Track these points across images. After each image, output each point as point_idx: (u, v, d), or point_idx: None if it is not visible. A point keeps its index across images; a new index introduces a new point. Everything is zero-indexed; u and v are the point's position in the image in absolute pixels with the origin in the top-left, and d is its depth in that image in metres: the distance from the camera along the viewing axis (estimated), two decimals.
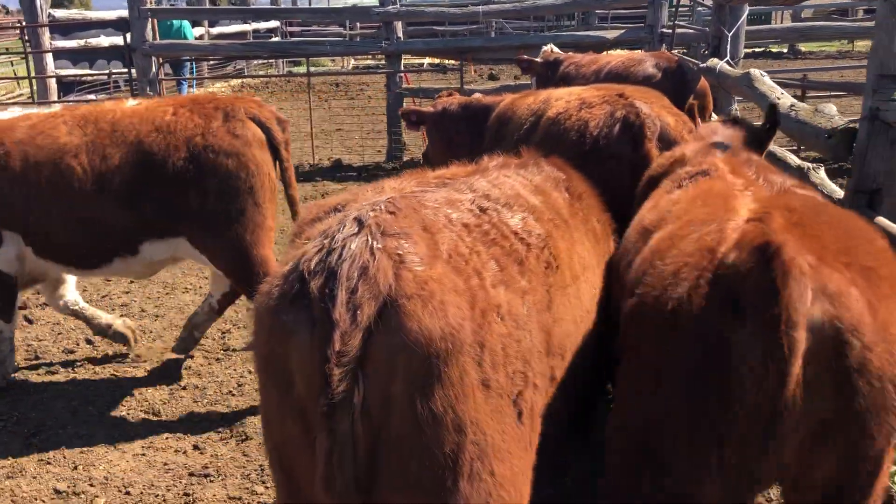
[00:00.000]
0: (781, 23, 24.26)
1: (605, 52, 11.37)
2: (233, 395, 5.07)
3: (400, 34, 11.87)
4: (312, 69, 21.11)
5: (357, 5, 13.71)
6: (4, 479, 4.18)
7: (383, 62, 13.20)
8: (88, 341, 5.86)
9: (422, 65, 20.06)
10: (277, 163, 5.00)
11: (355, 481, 2.01)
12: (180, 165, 4.68)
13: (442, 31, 23.98)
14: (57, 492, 4.08)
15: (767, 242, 2.20)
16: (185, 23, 16.34)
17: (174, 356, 5.53)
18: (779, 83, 10.55)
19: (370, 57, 19.97)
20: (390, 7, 11.45)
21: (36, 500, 4.02)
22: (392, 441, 2.03)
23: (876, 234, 2.57)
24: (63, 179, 4.65)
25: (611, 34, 11.43)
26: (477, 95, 6.20)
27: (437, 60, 19.54)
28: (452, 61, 15.37)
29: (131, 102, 5.01)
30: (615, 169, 4.03)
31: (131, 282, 7.08)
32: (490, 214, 2.48)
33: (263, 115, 4.96)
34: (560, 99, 4.51)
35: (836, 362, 2.16)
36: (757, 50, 23.38)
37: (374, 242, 2.05)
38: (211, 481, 4.19)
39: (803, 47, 23.54)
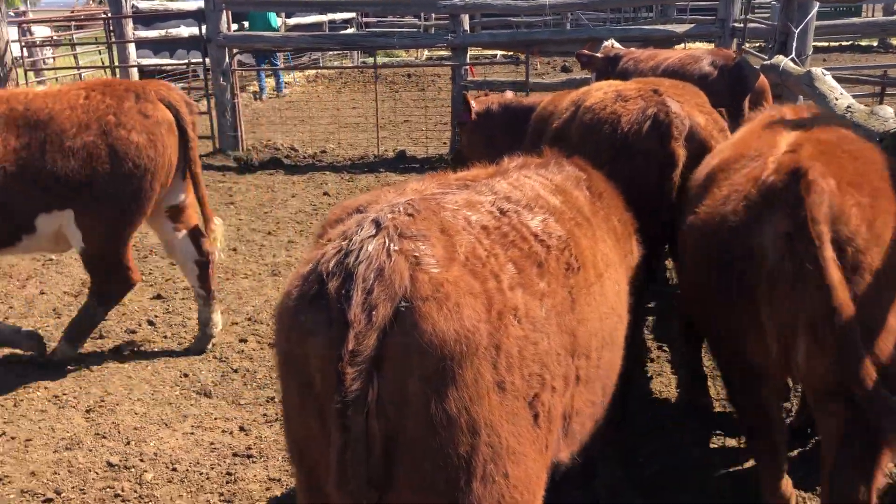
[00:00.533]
0: (873, 15, 23.23)
1: (680, 47, 11.15)
2: None
3: (466, 27, 11.88)
4: (388, 60, 21.35)
5: None
6: (63, 451, 4.44)
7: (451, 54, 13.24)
8: (150, 322, 6.13)
9: (495, 56, 20.00)
10: (184, 143, 5.31)
11: (368, 480, 2.04)
12: (90, 141, 4.96)
13: (516, 23, 23.83)
14: (110, 465, 4.30)
15: (798, 167, 2.94)
16: (272, 13, 16.81)
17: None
18: (857, 80, 10.16)
19: (445, 48, 20.13)
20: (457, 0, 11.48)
21: (90, 471, 4.26)
22: (407, 441, 2.05)
23: (885, 164, 3.22)
24: None
25: (680, 28, 11.16)
26: (509, 94, 6.26)
27: (510, 52, 19.42)
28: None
29: (41, 87, 5.32)
30: (642, 165, 4.14)
31: None
32: (510, 216, 2.47)
33: (172, 98, 5.27)
34: (599, 89, 4.61)
35: (839, 260, 2.84)
36: (844, 44, 22.46)
37: (391, 244, 2.08)
38: (253, 462, 4.35)
39: (895, 41, 22.49)
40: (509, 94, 6.43)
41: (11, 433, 4.60)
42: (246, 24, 17.55)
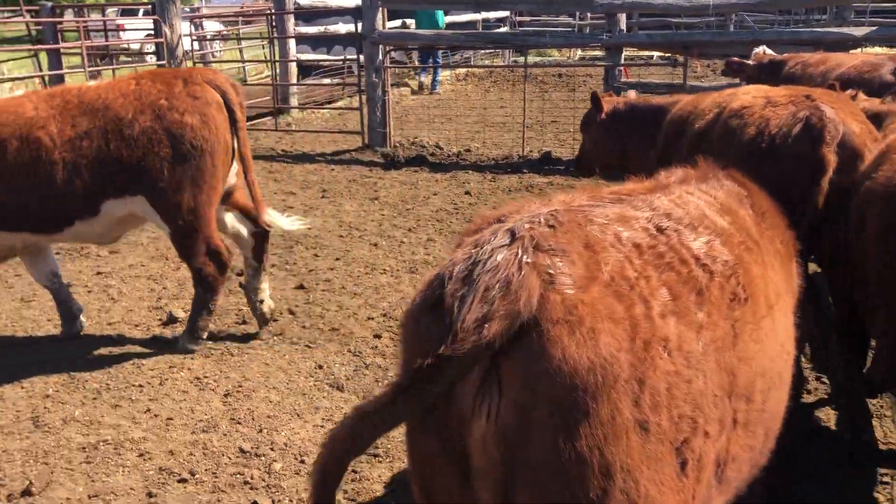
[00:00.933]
0: None
1: (857, 51, 10.26)
2: None
3: (623, 26, 11.48)
4: (539, 59, 21.16)
5: None
6: (200, 432, 4.57)
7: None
8: (291, 312, 6.26)
9: (651, 57, 19.36)
10: (232, 124, 5.39)
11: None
12: (146, 126, 5.12)
13: (675, 24, 22.97)
14: (242, 451, 4.38)
15: None
16: (440, 11, 17.08)
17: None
18: None
19: (599, 47, 19.70)
20: None
21: (223, 455, 4.35)
22: (531, 464, 1.89)
23: None
24: (30, 151, 5.06)
25: (858, 31, 10.25)
26: (632, 93, 5.96)
27: (667, 53, 18.76)
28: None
29: (92, 81, 5.50)
30: (791, 169, 3.94)
31: (337, 259, 7.48)
32: (668, 235, 2.23)
33: (219, 80, 5.42)
34: (747, 94, 4.42)
35: None
36: None
37: (525, 257, 1.92)
38: (379, 461, 4.30)
39: None
40: (632, 94, 6.15)
41: (155, 410, 4.79)
42: (410, 21, 17.84)
